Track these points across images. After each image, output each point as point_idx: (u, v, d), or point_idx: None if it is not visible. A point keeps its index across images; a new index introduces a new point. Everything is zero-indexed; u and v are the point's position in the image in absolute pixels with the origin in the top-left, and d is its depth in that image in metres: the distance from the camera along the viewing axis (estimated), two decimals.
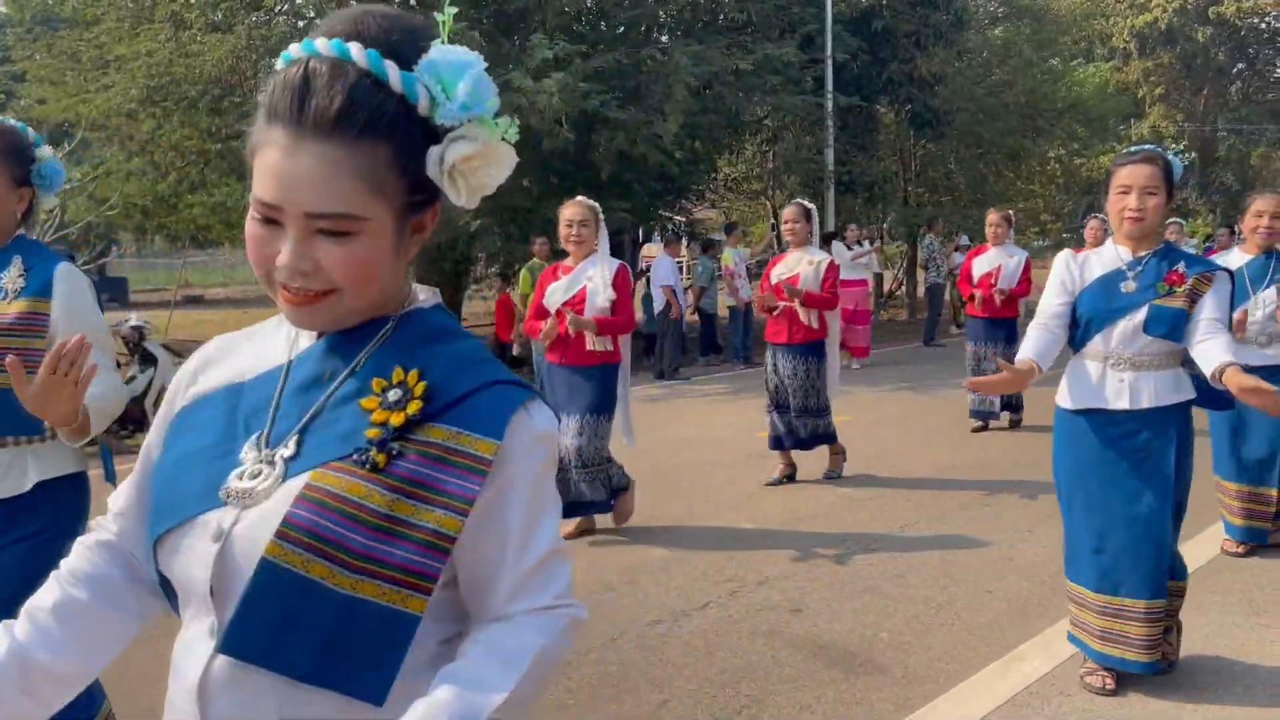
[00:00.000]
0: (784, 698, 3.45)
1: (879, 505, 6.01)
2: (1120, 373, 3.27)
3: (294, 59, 1.04)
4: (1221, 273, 3.29)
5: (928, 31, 18.02)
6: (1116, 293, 3.29)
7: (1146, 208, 3.20)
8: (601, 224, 5.22)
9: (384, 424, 1.06)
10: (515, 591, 1.08)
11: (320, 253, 1.03)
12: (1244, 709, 3.31)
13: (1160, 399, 3.23)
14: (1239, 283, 4.59)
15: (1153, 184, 3.19)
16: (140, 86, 11.60)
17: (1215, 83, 40.71)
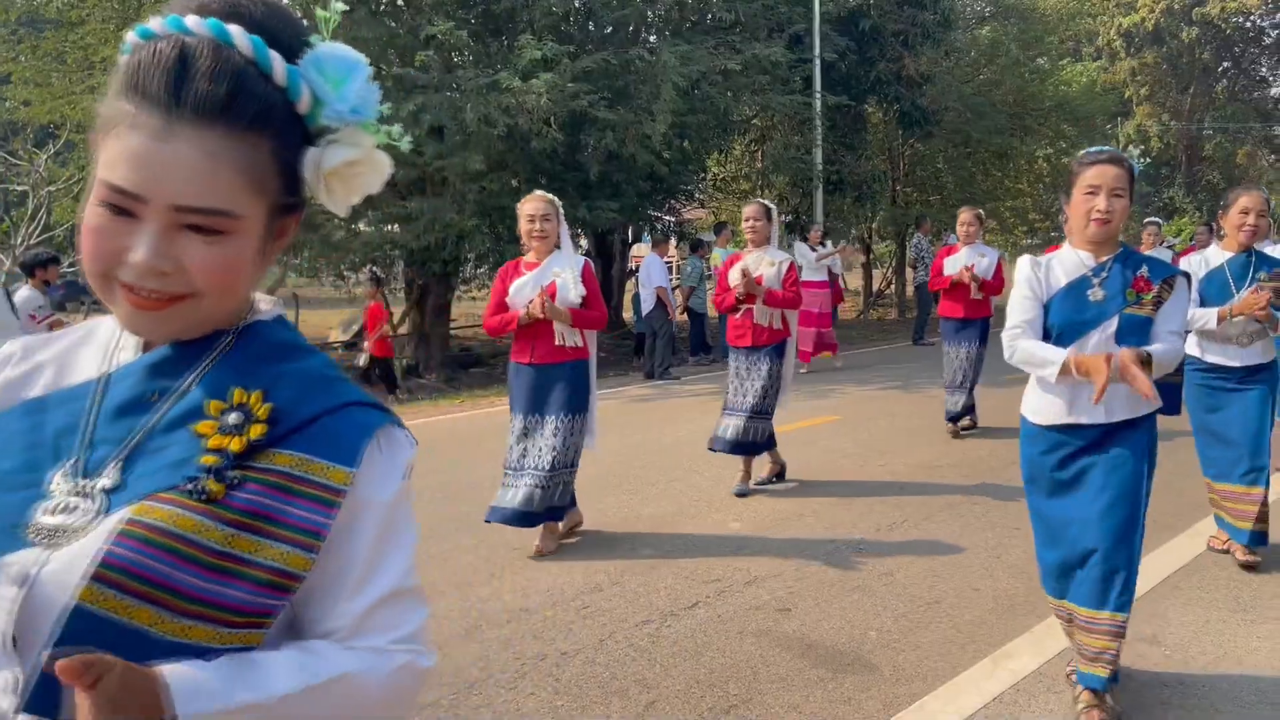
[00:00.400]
0: (772, 697, 3.44)
1: (866, 504, 6.01)
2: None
3: (159, 34, 0.93)
4: (1180, 278, 3.20)
5: (915, 31, 18.07)
6: (1085, 301, 3.16)
7: (1115, 210, 3.08)
8: (562, 218, 5.11)
9: (221, 450, 0.94)
10: (349, 631, 0.97)
11: (184, 251, 0.92)
12: (1231, 703, 3.31)
13: (1134, 409, 3.13)
14: (1221, 280, 4.64)
15: (1120, 186, 3.07)
16: None
17: (1201, 81, 40.90)
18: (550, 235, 4.99)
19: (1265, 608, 4.18)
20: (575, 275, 4.98)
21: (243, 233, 0.95)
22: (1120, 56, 39.84)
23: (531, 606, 4.37)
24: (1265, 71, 43.35)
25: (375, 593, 0.98)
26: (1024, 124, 21.88)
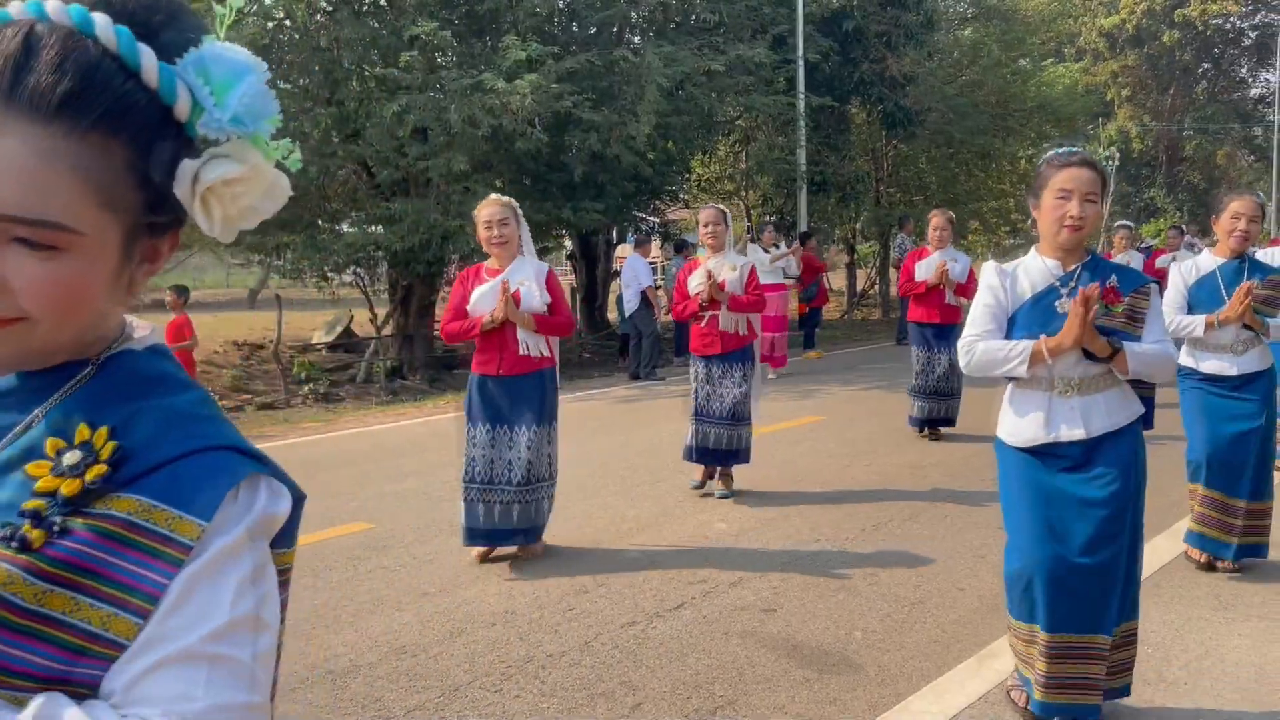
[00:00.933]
0: (758, 698, 3.45)
1: (851, 505, 6.03)
2: (1069, 400, 2.98)
3: (14, 19, 0.81)
4: (1151, 285, 3.06)
5: (898, 32, 18.14)
6: (1053, 313, 2.98)
7: (1088, 216, 2.92)
8: (523, 222, 4.94)
9: (50, 493, 0.81)
10: (121, 697, 0.79)
11: (12, 268, 0.79)
12: (1213, 701, 3.34)
13: (1113, 420, 2.98)
14: (1212, 286, 4.54)
15: (1093, 190, 2.91)
16: None
17: (1182, 82, 41.22)
18: (510, 240, 4.82)
19: (1246, 606, 4.22)
20: (539, 282, 4.86)
21: (85, 251, 0.81)
22: (1103, 57, 40.12)
23: (517, 609, 4.36)
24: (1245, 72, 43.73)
25: (159, 653, 0.79)
26: (1006, 125, 22.01)
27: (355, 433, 9.06)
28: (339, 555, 5.13)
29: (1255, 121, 42.01)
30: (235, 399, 11.59)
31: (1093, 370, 2.97)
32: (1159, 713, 3.28)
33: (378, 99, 11.92)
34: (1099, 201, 2.93)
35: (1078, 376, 2.99)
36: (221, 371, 12.69)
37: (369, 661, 3.82)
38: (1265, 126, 40.29)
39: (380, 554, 5.20)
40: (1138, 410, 3.04)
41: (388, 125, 11.23)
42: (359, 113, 12.39)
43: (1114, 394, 3.01)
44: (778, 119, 17.05)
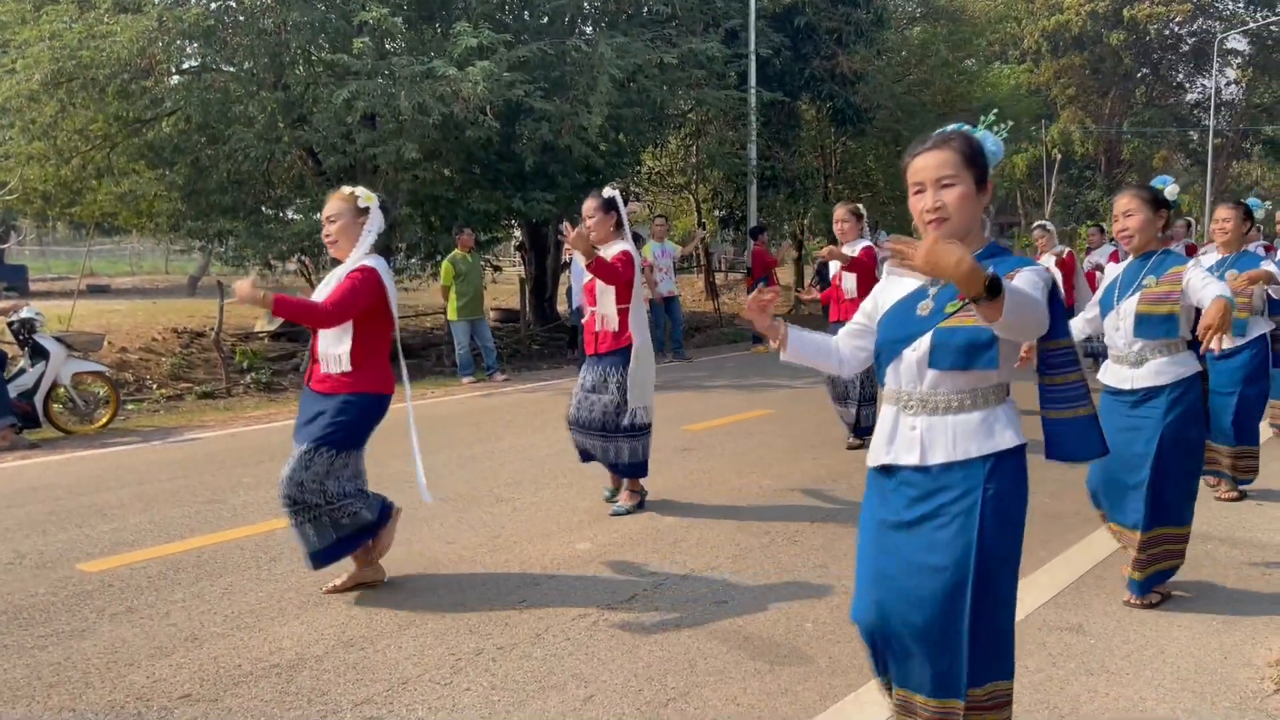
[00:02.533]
0: (710, 690, 3.45)
1: (800, 497, 6.06)
2: (911, 417, 2.53)
3: None
4: (1028, 269, 2.46)
5: (849, 29, 18.29)
6: (911, 316, 2.55)
7: (946, 203, 2.45)
8: (369, 218, 4.38)
9: None
10: None
11: None
12: (1154, 691, 3.41)
13: (959, 450, 2.47)
14: (1109, 289, 4.29)
15: (948, 172, 2.44)
16: (45, 70, 11.11)
17: (1121, 86, 42.12)
18: (337, 239, 4.33)
19: (1182, 599, 4.31)
20: (337, 280, 4.30)
21: None
22: (1045, 59, 40.83)
23: (467, 601, 4.31)
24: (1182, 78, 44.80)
25: None
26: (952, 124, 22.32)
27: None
28: (284, 547, 5.03)
29: (1190, 126, 43.10)
30: (175, 387, 11.34)
31: (941, 389, 2.49)
32: (1103, 700, 3.34)
33: (325, 84, 11.71)
34: (961, 181, 2.45)
35: (922, 392, 2.52)
36: (161, 359, 12.39)
37: (315, 655, 3.74)
38: (1201, 131, 41.34)
39: None
40: (1006, 443, 2.47)
41: (336, 112, 11.04)
42: (305, 97, 12.17)
43: (969, 419, 2.48)
44: (729, 113, 17.10)
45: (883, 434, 2.60)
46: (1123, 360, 4.19)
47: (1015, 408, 2.56)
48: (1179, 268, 4.09)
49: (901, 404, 2.56)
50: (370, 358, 4.30)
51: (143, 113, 12.54)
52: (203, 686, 3.48)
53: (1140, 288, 4.14)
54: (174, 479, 6.66)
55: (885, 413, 2.62)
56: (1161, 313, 4.07)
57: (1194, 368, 4.09)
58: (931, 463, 2.49)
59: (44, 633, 3.95)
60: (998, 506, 2.45)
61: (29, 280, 27.12)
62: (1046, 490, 5.92)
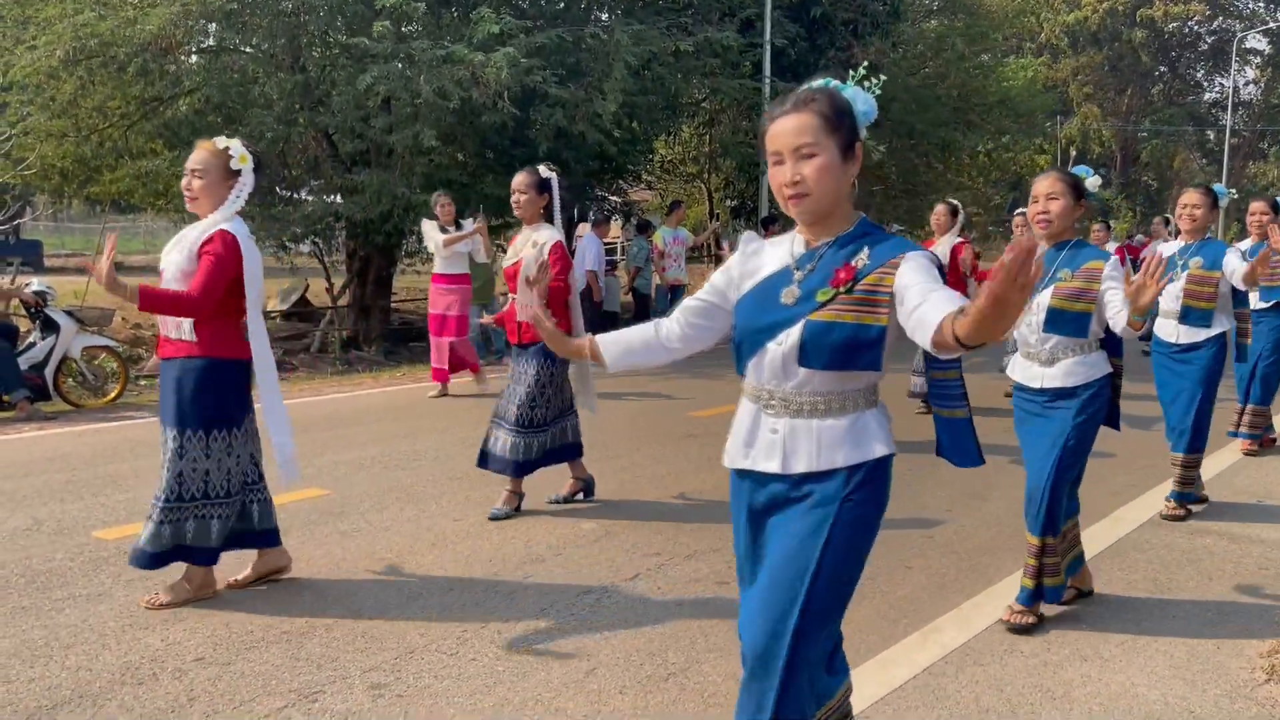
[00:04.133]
0: (710, 666, 3.52)
1: None
2: (773, 418, 2.27)
3: None
4: (914, 253, 2.17)
5: (865, 21, 18.26)
6: (774, 303, 2.23)
7: (805, 174, 2.14)
8: (240, 178, 4.02)
9: None
10: None
11: None
12: (1146, 677, 3.47)
13: (823, 458, 2.23)
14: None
15: (807, 140, 2.13)
16: (66, 47, 11.20)
17: (1139, 84, 41.94)
18: (199, 195, 3.94)
19: (1180, 588, 4.37)
20: (195, 242, 3.92)
21: None
22: (1064, 54, 40.66)
23: (474, 576, 4.40)
24: (1200, 77, 44.60)
25: None
26: (967, 118, 22.25)
27: (310, 401, 8.99)
28: (295, 520, 5.12)
29: (1208, 126, 42.91)
30: None
31: (807, 389, 2.22)
32: (1095, 685, 3.40)
33: (343, 67, 11.77)
34: (823, 149, 2.14)
35: (786, 391, 2.24)
36: None
37: (325, 624, 3.83)
38: (1218, 131, 41.15)
39: (337, 520, 5.20)
40: (874, 453, 2.26)
41: (356, 97, 11.10)
42: (323, 80, 12.23)
43: (837, 425, 2.24)
44: (743, 103, 17.10)
45: (740, 434, 2.33)
46: (1033, 357, 3.90)
47: (886, 411, 2.34)
48: (1097, 263, 3.78)
49: (762, 402, 2.28)
50: (216, 320, 3.90)
51: (162, 92, 12.62)
52: (215, 650, 3.57)
53: (1054, 280, 3.81)
54: None
55: (744, 410, 2.35)
56: (1076, 310, 3.77)
57: (1105, 369, 3.84)
58: (793, 471, 2.25)
59: (61, 596, 4.05)
60: (852, 523, 2.23)
61: (44, 256, 27.32)
62: None
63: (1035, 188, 3.87)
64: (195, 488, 3.90)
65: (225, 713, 3.11)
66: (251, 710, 3.13)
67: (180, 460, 3.86)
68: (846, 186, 2.22)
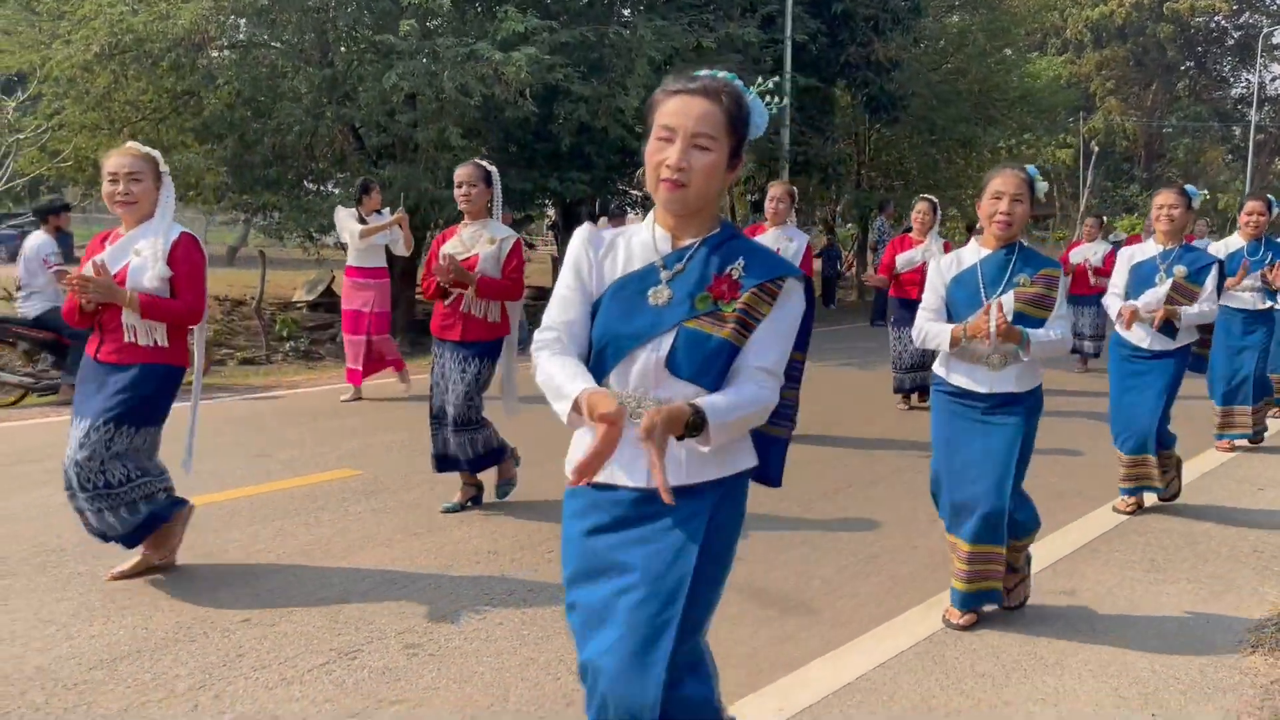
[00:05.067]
0: (723, 632, 3.73)
1: (815, 469, 6.33)
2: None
3: None
4: (794, 284, 2.10)
5: (886, 16, 18.36)
6: (641, 304, 2.07)
7: (694, 166, 1.98)
8: (163, 177, 4.02)
9: None
10: None
11: None
12: (1138, 648, 3.66)
13: (693, 472, 2.09)
14: (971, 285, 3.79)
15: (707, 130, 1.99)
16: (101, 41, 11.52)
17: (1164, 79, 41.70)
18: (139, 200, 3.93)
19: (1175, 569, 4.56)
20: (160, 250, 3.95)
21: None
22: (1088, 49, 40.50)
23: (500, 549, 4.64)
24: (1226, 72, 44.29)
25: None
26: (988, 114, 22.33)
27: (339, 387, 9.27)
28: (330, 497, 5.38)
29: (1234, 121, 42.62)
30: (216, 353, 11.76)
31: (679, 394, 2.05)
32: (1086, 653, 3.60)
33: (370, 63, 12.04)
34: (716, 145, 2.00)
35: (656, 397, 2.07)
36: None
37: (361, 591, 4.08)
38: (1243, 126, 40.89)
39: (369, 498, 5.46)
40: (742, 464, 2.16)
41: (383, 92, 11.37)
42: (350, 75, 12.51)
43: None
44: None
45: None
46: (982, 360, 3.70)
47: None
48: (1052, 270, 3.74)
49: (635, 412, 2.04)
50: (178, 330, 4.08)
51: (194, 86, 12.93)
52: (259, 612, 3.83)
53: (1013, 284, 3.70)
54: (222, 435, 7.03)
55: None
56: (1039, 316, 3.68)
57: (1041, 378, 3.80)
58: (648, 485, 2.06)
59: (113, 563, 4.31)
60: (721, 539, 2.14)
61: (74, 247, 27.81)
62: (1054, 471, 6.17)
63: (996, 184, 3.68)
64: (118, 477, 3.94)
65: (273, 667, 3.36)
66: (295, 665, 3.38)
67: (105, 450, 3.89)
68: (721, 189, 2.12)
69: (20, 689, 3.19)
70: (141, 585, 4.10)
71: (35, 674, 3.30)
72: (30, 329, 8.34)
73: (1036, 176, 3.74)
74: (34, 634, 3.61)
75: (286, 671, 3.34)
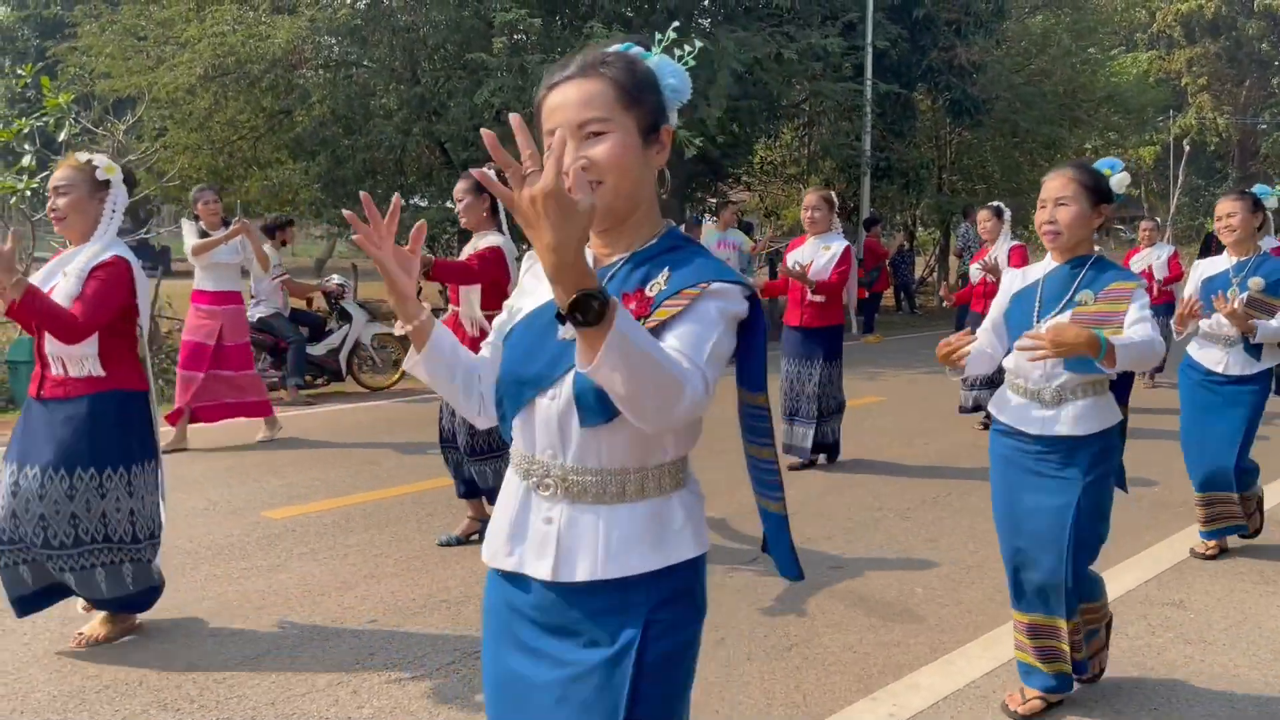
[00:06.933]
0: (829, 639, 3.83)
1: (910, 479, 6.36)
2: (548, 502, 1.62)
3: None
4: (719, 285, 1.54)
5: (968, 20, 18.18)
6: (548, 341, 1.60)
7: (594, 158, 1.55)
8: (112, 195, 3.70)
9: None
10: None
11: None
12: (1248, 661, 3.65)
13: (614, 563, 1.57)
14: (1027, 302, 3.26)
15: (595, 114, 1.56)
16: (205, 64, 12.07)
17: (1258, 75, 40.37)
18: (66, 214, 3.63)
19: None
20: (84, 270, 3.56)
21: None
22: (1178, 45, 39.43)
23: None
24: None
25: None
26: (1073, 115, 21.90)
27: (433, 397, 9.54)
28: (438, 504, 5.59)
29: None
30: None
31: (595, 456, 1.59)
32: (1197, 666, 3.60)
33: (459, 79, 12.38)
34: (613, 125, 1.56)
35: (566, 461, 1.60)
36: None
37: (478, 593, 4.25)
38: None
39: None
40: (683, 553, 1.63)
41: (474, 109, 11.69)
42: (439, 92, 12.87)
43: (632, 513, 1.60)
44: (843, 105, 17.25)
45: (505, 521, 1.67)
46: (1034, 396, 3.16)
47: (698, 491, 1.72)
48: (1125, 284, 3.09)
49: (534, 479, 1.63)
50: (121, 354, 3.62)
51: (290, 105, 13.44)
52: (385, 615, 4.03)
53: (1072, 304, 3.12)
54: (327, 443, 7.31)
55: (510, 487, 1.68)
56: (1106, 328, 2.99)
57: (1116, 416, 3.16)
58: (572, 579, 1.58)
59: (245, 566, 4.57)
60: (664, 658, 1.58)
61: (170, 261, 28.91)
62: (1157, 479, 6.11)
63: (1044, 189, 3.18)
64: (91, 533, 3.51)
65: (402, 664, 3.56)
66: (424, 664, 3.57)
67: (68, 501, 3.46)
68: (650, 179, 1.64)
69: (175, 682, 3.43)
70: (272, 588, 4.34)
71: (187, 668, 3.54)
72: (255, 331, 8.92)
73: (1107, 171, 3.19)
74: (178, 631, 3.87)
75: (417, 669, 3.52)
